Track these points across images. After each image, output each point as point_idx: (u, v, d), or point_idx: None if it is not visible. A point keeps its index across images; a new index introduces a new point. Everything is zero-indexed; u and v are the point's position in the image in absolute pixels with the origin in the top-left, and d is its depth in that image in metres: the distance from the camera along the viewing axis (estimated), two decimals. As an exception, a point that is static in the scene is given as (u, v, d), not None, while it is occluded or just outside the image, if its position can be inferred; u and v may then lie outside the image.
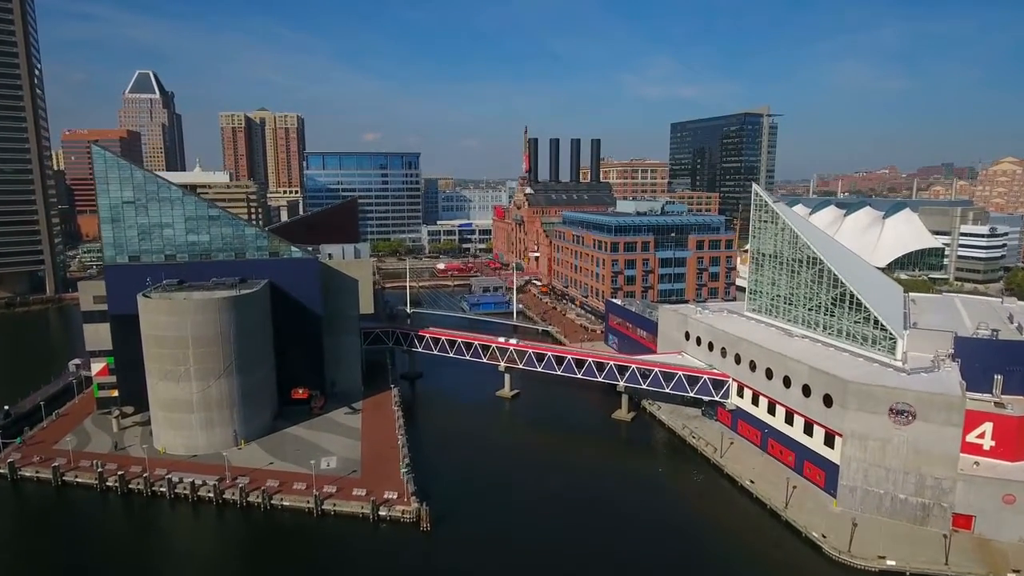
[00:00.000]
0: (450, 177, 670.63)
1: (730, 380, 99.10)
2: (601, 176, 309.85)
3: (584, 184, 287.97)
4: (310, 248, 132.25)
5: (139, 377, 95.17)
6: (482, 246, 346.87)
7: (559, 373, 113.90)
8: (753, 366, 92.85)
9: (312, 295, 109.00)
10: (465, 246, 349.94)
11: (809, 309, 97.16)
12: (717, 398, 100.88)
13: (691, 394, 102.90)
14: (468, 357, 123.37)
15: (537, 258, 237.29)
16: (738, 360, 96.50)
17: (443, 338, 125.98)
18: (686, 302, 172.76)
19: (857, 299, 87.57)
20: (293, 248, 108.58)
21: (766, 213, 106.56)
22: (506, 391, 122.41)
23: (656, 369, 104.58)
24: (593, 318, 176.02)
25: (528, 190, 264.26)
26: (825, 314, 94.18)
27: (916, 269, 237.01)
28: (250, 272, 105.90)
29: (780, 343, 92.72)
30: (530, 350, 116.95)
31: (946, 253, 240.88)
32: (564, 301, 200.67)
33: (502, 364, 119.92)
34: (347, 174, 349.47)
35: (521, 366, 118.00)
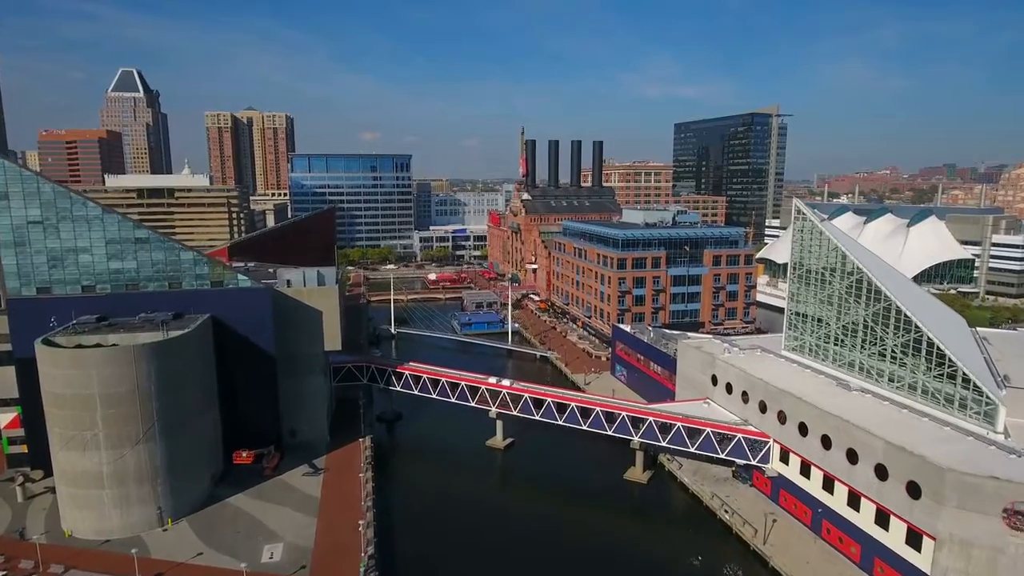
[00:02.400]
0: (446, 178, 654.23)
1: (770, 441, 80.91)
2: (603, 180, 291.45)
3: (585, 189, 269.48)
4: (271, 269, 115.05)
5: (51, 434, 76.95)
6: (477, 253, 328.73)
7: (560, 423, 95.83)
8: (803, 429, 74.58)
9: (264, 332, 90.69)
10: (459, 253, 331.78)
11: (869, 354, 79.03)
12: (754, 462, 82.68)
13: (721, 455, 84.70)
14: (454, 399, 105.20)
15: (535, 271, 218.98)
16: (782, 419, 78.26)
17: (425, 376, 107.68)
18: (701, 324, 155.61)
19: (939, 349, 69.41)
20: (240, 276, 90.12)
21: (810, 233, 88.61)
22: (498, 440, 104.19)
23: (679, 424, 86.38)
24: (597, 342, 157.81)
25: (525, 196, 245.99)
26: (891, 362, 76.03)
27: (944, 283, 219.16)
28: (188, 305, 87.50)
29: (836, 400, 74.37)
30: (527, 394, 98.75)
31: (976, 265, 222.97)
32: (565, 320, 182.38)
33: (493, 410, 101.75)
34: (334, 177, 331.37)
35: (516, 413, 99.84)
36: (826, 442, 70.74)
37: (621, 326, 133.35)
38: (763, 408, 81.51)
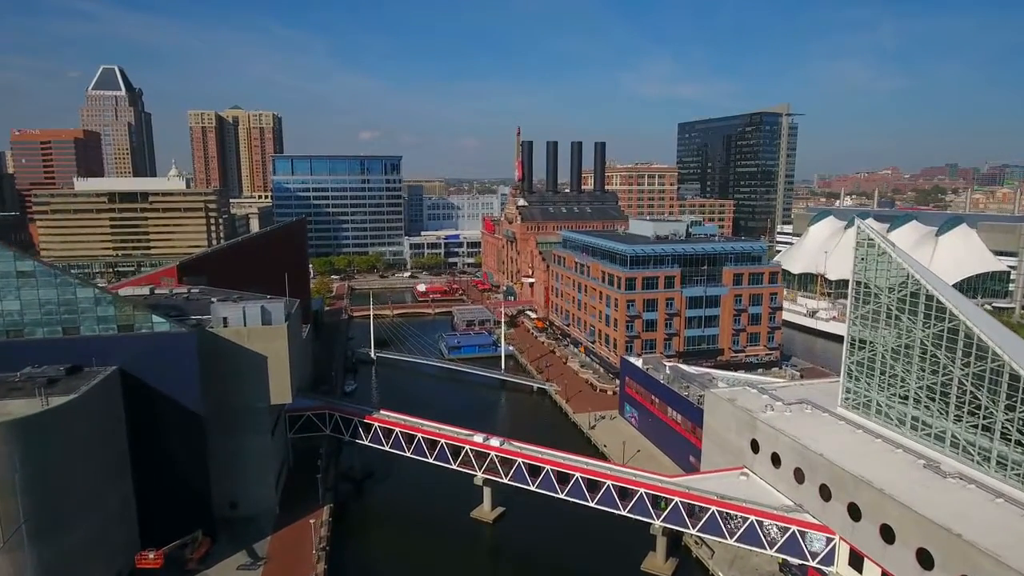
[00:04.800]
0: (442, 179, 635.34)
1: (836, 539, 62.41)
2: (604, 184, 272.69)
3: (587, 194, 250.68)
4: (215, 300, 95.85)
5: None
6: (471, 261, 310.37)
7: (562, 497, 77.29)
8: (888, 534, 56.00)
9: (189, 386, 71.88)
10: (452, 260, 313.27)
11: (968, 427, 60.61)
12: (812, 564, 64.15)
13: (770, 552, 66.17)
14: (432, 460, 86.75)
15: (532, 284, 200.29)
16: (856, 514, 59.64)
17: (398, 429, 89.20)
18: (720, 351, 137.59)
19: (1080, 434, 51.01)
20: (156, 318, 71.30)
21: (876, 261, 70.36)
22: (486, 510, 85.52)
23: (713, 508, 67.82)
24: (602, 372, 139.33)
25: (521, 202, 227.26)
26: (1001, 441, 57.61)
27: (977, 296, 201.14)
28: (89, 354, 68.61)
29: (932, 496, 55.75)
30: (520, 459, 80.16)
31: (1012, 278, 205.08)
32: (565, 343, 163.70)
33: (479, 475, 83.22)
34: (319, 180, 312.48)
35: (507, 481, 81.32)
36: (925, 559, 52.17)
37: (631, 359, 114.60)
38: (826, 495, 62.90)
